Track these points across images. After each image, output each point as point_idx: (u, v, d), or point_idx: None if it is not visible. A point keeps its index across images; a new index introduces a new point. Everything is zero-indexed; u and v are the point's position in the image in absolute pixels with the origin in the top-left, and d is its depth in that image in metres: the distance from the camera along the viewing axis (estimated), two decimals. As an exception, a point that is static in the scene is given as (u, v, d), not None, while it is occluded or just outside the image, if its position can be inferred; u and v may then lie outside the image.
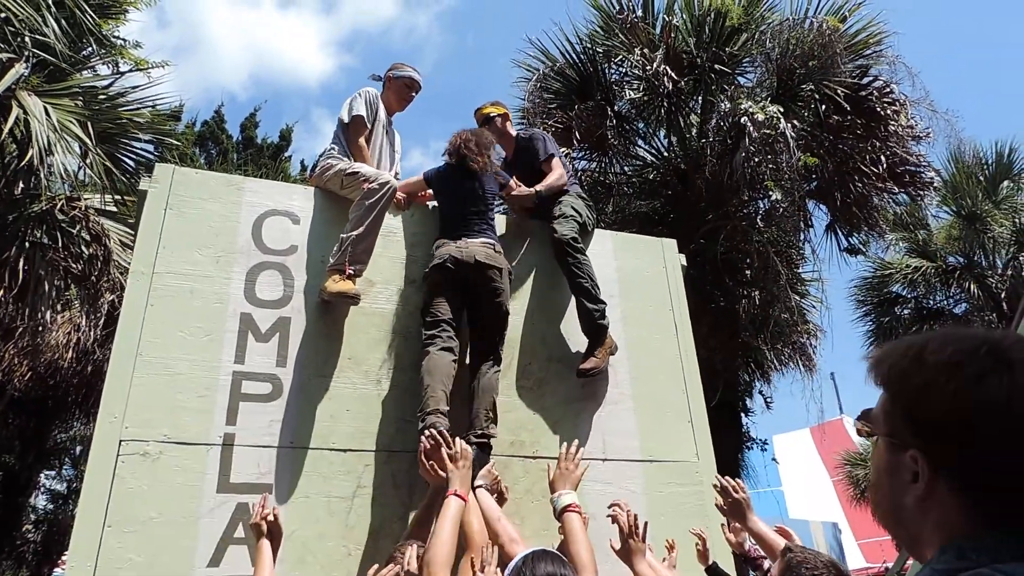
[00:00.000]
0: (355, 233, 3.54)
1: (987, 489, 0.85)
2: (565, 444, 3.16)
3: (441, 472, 2.95)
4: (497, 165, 4.16)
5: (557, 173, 4.37)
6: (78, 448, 18.26)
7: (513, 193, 4.19)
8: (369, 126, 4.09)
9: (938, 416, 0.87)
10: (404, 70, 4.36)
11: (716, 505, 3.11)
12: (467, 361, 3.67)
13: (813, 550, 2.51)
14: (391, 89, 4.35)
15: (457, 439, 3.05)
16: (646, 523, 2.79)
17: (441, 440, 3.01)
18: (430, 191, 4.11)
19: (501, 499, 3.25)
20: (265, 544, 2.75)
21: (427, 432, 3.06)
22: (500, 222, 4.25)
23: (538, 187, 4.24)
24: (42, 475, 16.13)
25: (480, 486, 3.03)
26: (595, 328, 3.92)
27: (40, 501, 18.79)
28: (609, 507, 2.86)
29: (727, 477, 3.03)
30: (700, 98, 10.15)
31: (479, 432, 3.33)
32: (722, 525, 3.45)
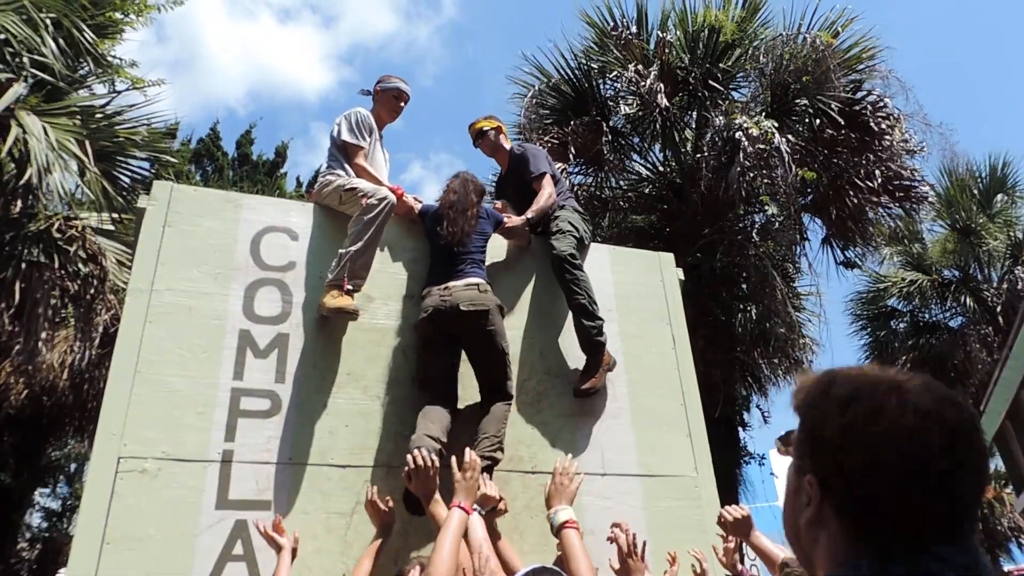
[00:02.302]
0: (353, 249, 3.55)
1: (864, 518, 0.91)
2: (559, 458, 3.14)
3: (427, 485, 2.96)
4: (484, 210, 4.01)
5: (546, 193, 4.33)
6: (73, 466, 18.19)
7: (507, 226, 4.11)
8: (366, 146, 4.08)
9: (831, 445, 0.94)
10: (391, 81, 4.31)
11: (719, 523, 3.11)
12: (479, 399, 3.69)
13: None
14: (380, 102, 4.31)
15: (467, 450, 2.99)
16: (644, 542, 2.78)
17: (429, 460, 2.97)
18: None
19: (494, 516, 3.23)
20: (286, 557, 2.79)
21: (415, 452, 2.99)
22: (499, 237, 4.26)
23: (528, 214, 4.20)
24: (36, 493, 16.03)
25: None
26: (593, 345, 3.92)
27: (35, 519, 18.69)
28: (611, 528, 2.86)
29: (727, 508, 3.06)
30: (695, 113, 10.23)
31: (481, 454, 3.31)
32: (714, 547, 3.43)
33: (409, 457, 3.00)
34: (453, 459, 2.96)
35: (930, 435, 0.89)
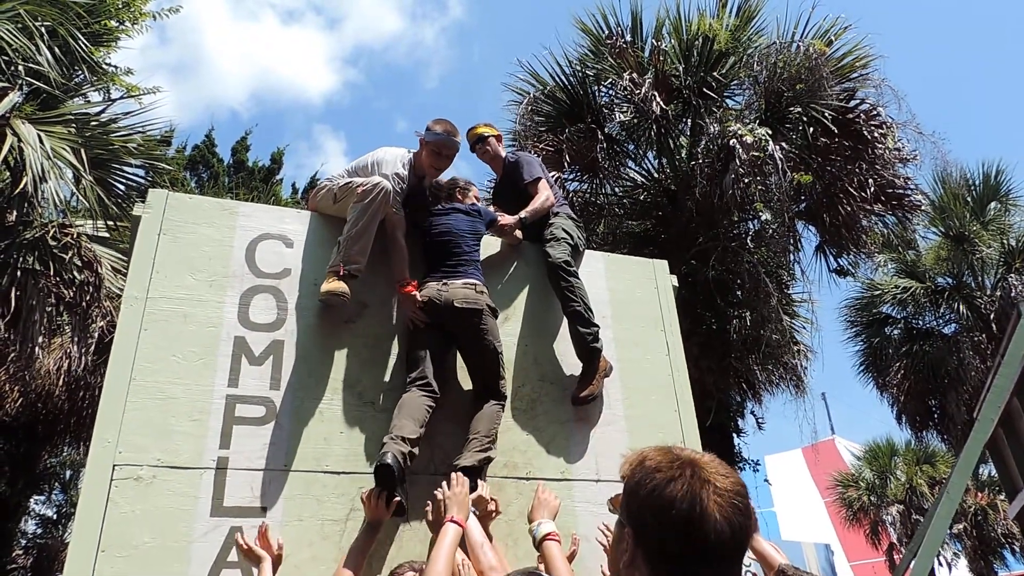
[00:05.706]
0: (350, 233, 3.59)
1: (661, 564, 1.21)
2: (540, 485, 3.24)
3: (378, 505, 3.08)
4: (479, 202, 4.17)
5: (542, 196, 4.36)
6: (68, 473, 18.15)
7: (499, 224, 4.16)
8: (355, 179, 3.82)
9: (639, 506, 1.24)
10: (436, 130, 4.01)
11: None
12: (472, 398, 3.73)
13: (807, 572, 2.53)
14: (423, 150, 4.09)
15: (454, 475, 3.07)
16: None
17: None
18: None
19: (488, 520, 3.26)
20: (267, 568, 2.79)
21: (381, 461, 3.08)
22: (494, 242, 4.28)
23: (522, 214, 4.24)
24: (32, 500, 15.97)
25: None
26: (589, 351, 3.94)
27: (30, 526, 18.62)
28: (598, 529, 2.88)
29: None
30: (689, 120, 10.25)
31: (466, 458, 3.35)
32: None
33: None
34: (444, 484, 3.03)
35: (694, 507, 1.18)
